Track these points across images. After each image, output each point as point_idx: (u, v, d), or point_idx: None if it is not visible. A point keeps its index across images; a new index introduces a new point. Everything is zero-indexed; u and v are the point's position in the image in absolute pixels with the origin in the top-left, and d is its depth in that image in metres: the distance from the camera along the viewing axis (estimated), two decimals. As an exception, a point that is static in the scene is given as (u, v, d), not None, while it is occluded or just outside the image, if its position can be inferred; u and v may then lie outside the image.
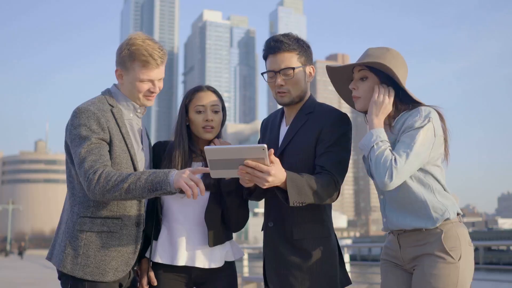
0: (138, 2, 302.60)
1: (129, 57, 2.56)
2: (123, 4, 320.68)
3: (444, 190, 2.43)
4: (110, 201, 2.47)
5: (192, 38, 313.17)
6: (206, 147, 2.18)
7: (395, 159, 2.29)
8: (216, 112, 2.75)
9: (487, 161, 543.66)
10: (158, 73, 2.60)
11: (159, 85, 2.64)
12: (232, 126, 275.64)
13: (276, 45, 2.59)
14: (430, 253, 2.33)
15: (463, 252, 2.32)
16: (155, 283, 2.67)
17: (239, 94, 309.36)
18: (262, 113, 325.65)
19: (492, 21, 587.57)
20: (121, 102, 2.64)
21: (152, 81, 2.59)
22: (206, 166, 2.61)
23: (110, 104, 2.59)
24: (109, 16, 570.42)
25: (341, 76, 2.62)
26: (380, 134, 2.37)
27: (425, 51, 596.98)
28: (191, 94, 2.79)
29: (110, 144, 2.51)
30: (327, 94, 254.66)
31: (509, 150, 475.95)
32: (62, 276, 2.51)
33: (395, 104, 2.46)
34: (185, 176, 2.31)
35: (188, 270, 2.69)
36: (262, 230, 2.78)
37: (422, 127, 2.32)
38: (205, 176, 2.66)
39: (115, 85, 2.70)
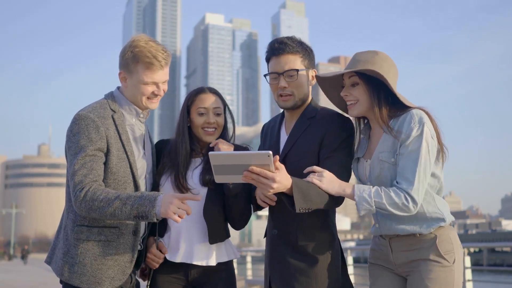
0: (140, 5, 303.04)
1: (132, 59, 2.51)
2: (125, 7, 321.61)
3: (441, 192, 2.45)
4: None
5: (194, 41, 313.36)
6: (210, 153, 2.17)
7: (397, 182, 2.32)
8: (218, 114, 2.74)
9: (490, 163, 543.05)
10: (162, 75, 2.55)
11: (164, 87, 2.59)
12: (235, 129, 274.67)
13: (280, 46, 2.57)
14: (425, 258, 2.35)
15: (456, 255, 2.37)
16: (166, 252, 2.65)
17: (241, 97, 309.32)
18: (265, 115, 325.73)
19: (493, 23, 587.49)
20: (124, 107, 2.60)
21: (156, 84, 2.55)
22: (206, 163, 2.69)
23: (112, 109, 2.55)
24: (111, 19, 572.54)
25: (331, 84, 2.61)
26: (364, 192, 2.33)
27: (426, 53, 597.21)
28: (193, 96, 2.76)
29: (107, 153, 2.47)
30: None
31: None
32: (61, 282, 2.52)
33: (387, 107, 2.44)
34: (173, 207, 2.28)
35: (186, 269, 2.67)
36: (264, 237, 2.77)
37: (421, 134, 2.31)
38: (204, 172, 2.67)
39: (118, 88, 2.66)
